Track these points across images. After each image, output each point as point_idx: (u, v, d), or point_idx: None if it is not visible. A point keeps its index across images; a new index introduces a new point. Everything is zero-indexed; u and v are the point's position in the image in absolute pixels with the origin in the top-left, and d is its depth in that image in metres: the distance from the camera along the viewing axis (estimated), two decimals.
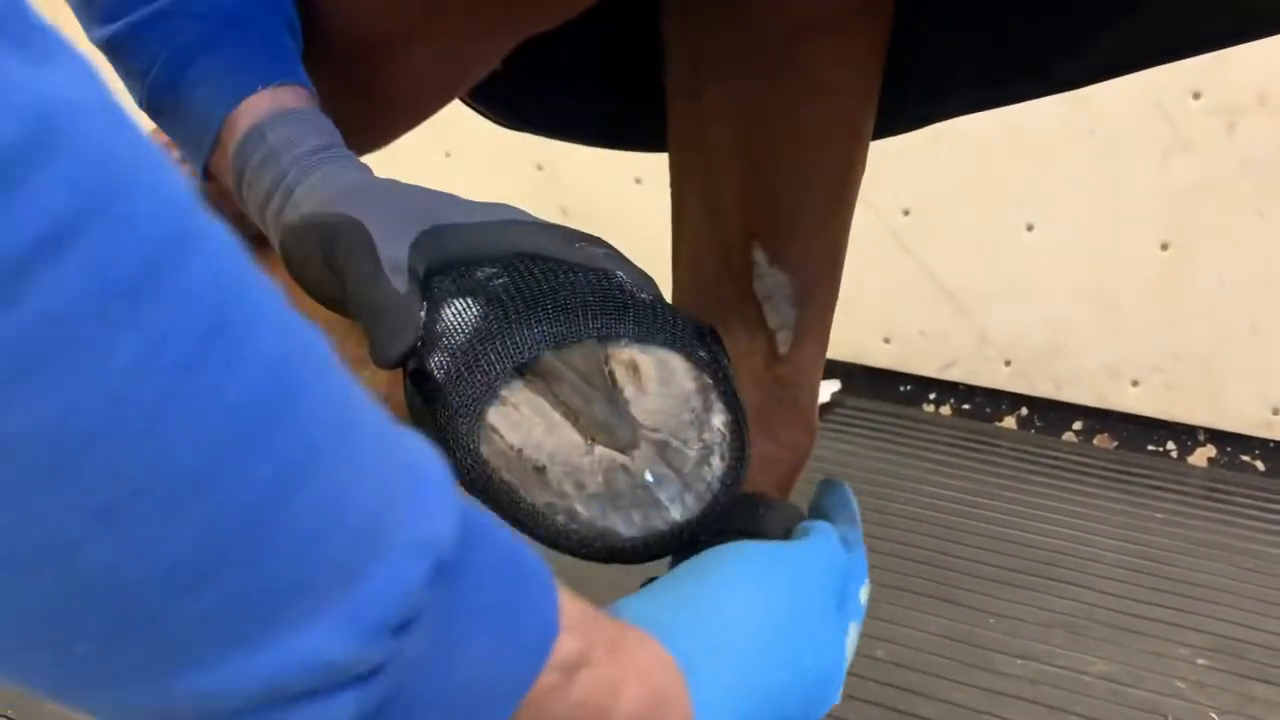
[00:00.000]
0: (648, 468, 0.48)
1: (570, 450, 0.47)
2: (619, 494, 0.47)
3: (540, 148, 1.86)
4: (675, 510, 0.48)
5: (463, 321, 0.48)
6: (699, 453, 0.49)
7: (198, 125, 0.54)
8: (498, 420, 0.47)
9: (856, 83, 0.73)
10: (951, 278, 2.07)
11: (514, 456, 0.47)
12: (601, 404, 0.48)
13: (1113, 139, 1.89)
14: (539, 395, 0.48)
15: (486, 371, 0.47)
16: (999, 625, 1.50)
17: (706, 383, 0.50)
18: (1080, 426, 2.07)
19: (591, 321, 0.49)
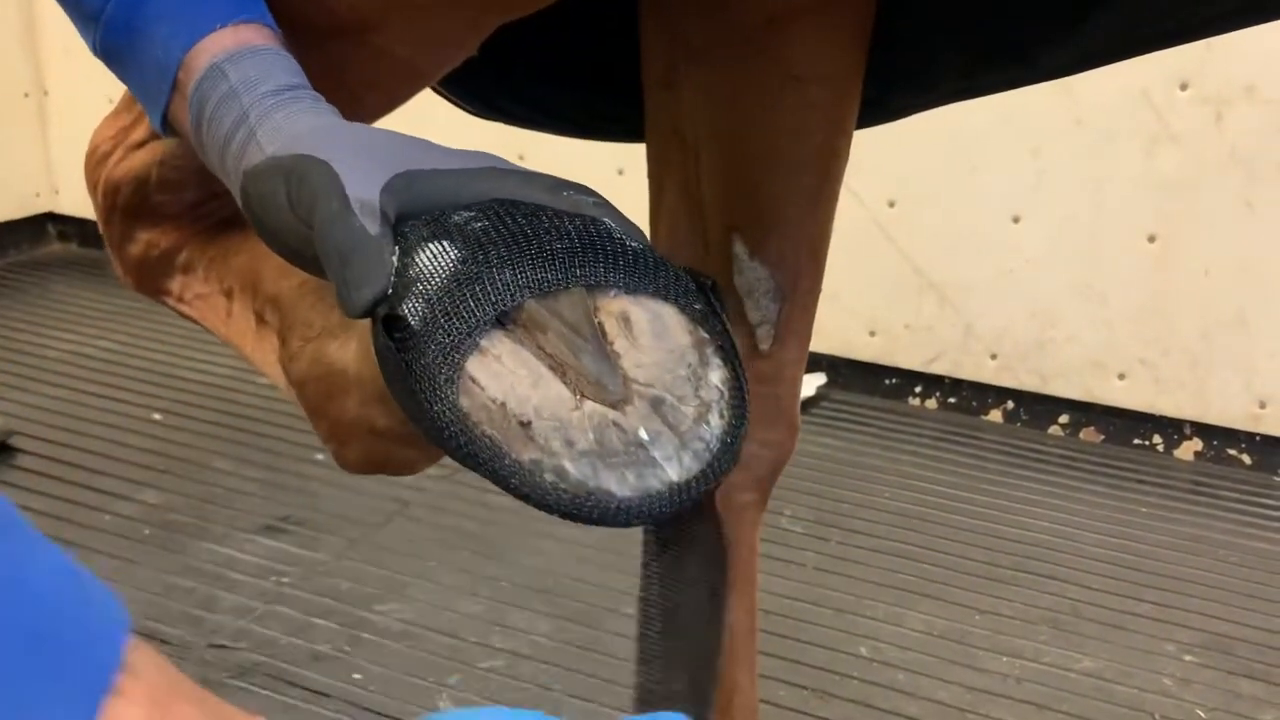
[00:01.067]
0: (642, 424, 0.43)
1: (558, 404, 0.43)
2: (612, 452, 0.42)
3: (521, 138, 1.83)
4: (672, 469, 0.43)
5: (439, 265, 0.44)
6: (696, 409, 0.45)
7: (154, 68, 0.50)
8: (478, 371, 0.43)
9: (837, 72, 0.71)
10: (937, 270, 2.05)
11: (496, 410, 0.42)
12: (590, 356, 0.44)
13: (1100, 130, 1.88)
14: (522, 346, 0.44)
15: (465, 318, 0.43)
16: (984, 622, 1.49)
17: (703, 337, 0.47)
18: (1066, 420, 2.06)
19: (579, 268, 0.46)
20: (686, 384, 0.45)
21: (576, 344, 0.44)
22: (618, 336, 0.45)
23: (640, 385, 0.44)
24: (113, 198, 0.66)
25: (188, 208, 0.65)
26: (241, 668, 1.33)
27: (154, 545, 1.56)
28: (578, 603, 1.47)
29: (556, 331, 0.44)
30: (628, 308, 0.46)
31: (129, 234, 0.67)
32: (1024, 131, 1.91)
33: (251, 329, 0.64)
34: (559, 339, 0.44)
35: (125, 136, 0.65)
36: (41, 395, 2.01)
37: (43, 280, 2.62)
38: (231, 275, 0.65)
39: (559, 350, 0.44)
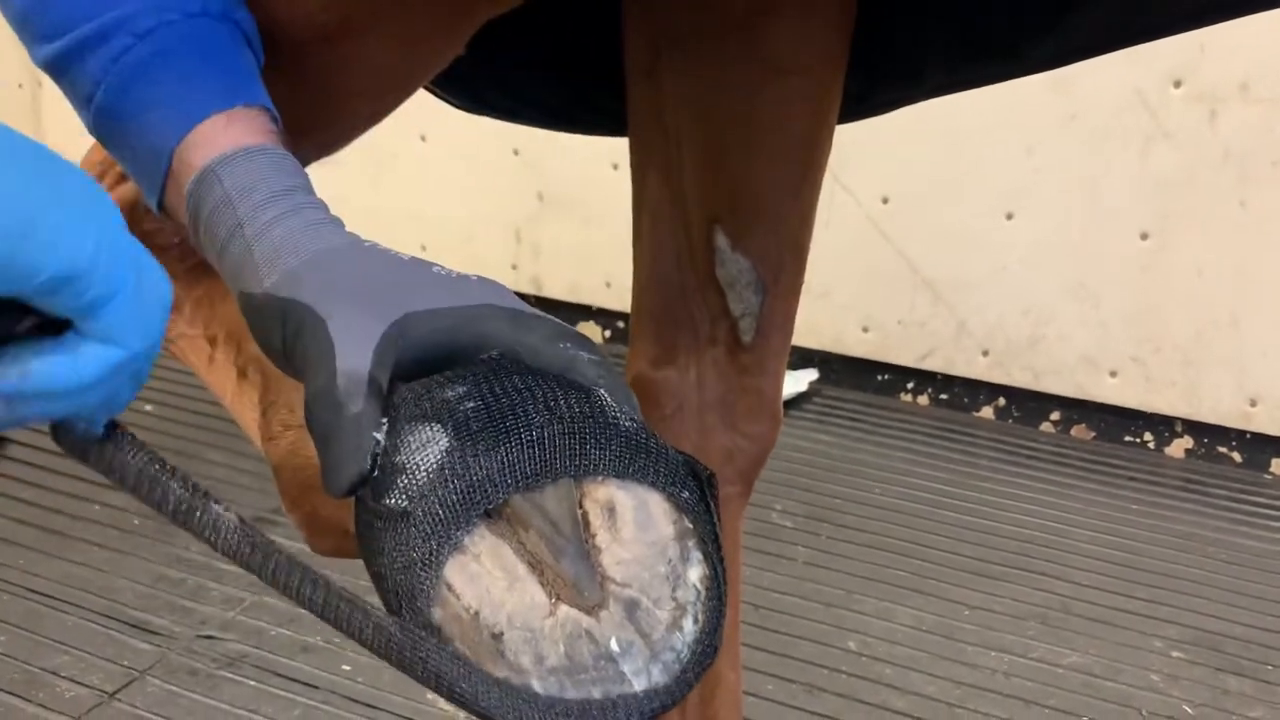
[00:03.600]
0: (614, 635, 0.43)
1: (532, 612, 0.42)
2: (580, 667, 0.42)
3: (518, 133, 1.83)
4: (639, 684, 0.42)
5: (426, 456, 0.43)
6: (671, 614, 0.44)
7: (148, 156, 0.49)
8: (456, 576, 0.42)
9: (820, 63, 0.70)
10: (930, 267, 2.05)
11: (469, 621, 0.42)
12: (570, 559, 0.43)
13: (1093, 127, 1.88)
14: (504, 542, 0.43)
15: (448, 520, 0.42)
16: (973, 617, 1.49)
17: (686, 527, 0.45)
18: (1058, 417, 2.06)
19: (569, 456, 0.44)
20: (664, 584, 0.44)
21: (558, 544, 0.44)
22: (600, 529, 0.45)
23: (617, 585, 0.44)
24: None
25: (177, 240, 0.64)
26: (229, 658, 1.33)
27: (143, 536, 1.56)
28: None
29: (539, 529, 0.44)
30: (614, 495, 0.45)
31: None
32: (1018, 129, 1.91)
33: (233, 381, 0.62)
34: (540, 538, 0.44)
35: (114, 163, 0.64)
36: None
37: None
38: (217, 322, 0.64)
39: (539, 550, 0.44)
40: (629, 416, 0.47)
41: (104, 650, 1.33)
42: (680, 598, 0.44)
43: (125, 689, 1.27)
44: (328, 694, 1.28)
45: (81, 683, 1.28)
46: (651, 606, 0.44)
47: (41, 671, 1.29)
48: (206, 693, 1.27)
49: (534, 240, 2.32)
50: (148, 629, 1.37)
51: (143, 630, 1.37)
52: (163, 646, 1.34)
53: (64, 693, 1.26)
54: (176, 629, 1.38)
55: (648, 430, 0.47)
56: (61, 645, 1.33)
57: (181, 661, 1.32)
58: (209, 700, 1.26)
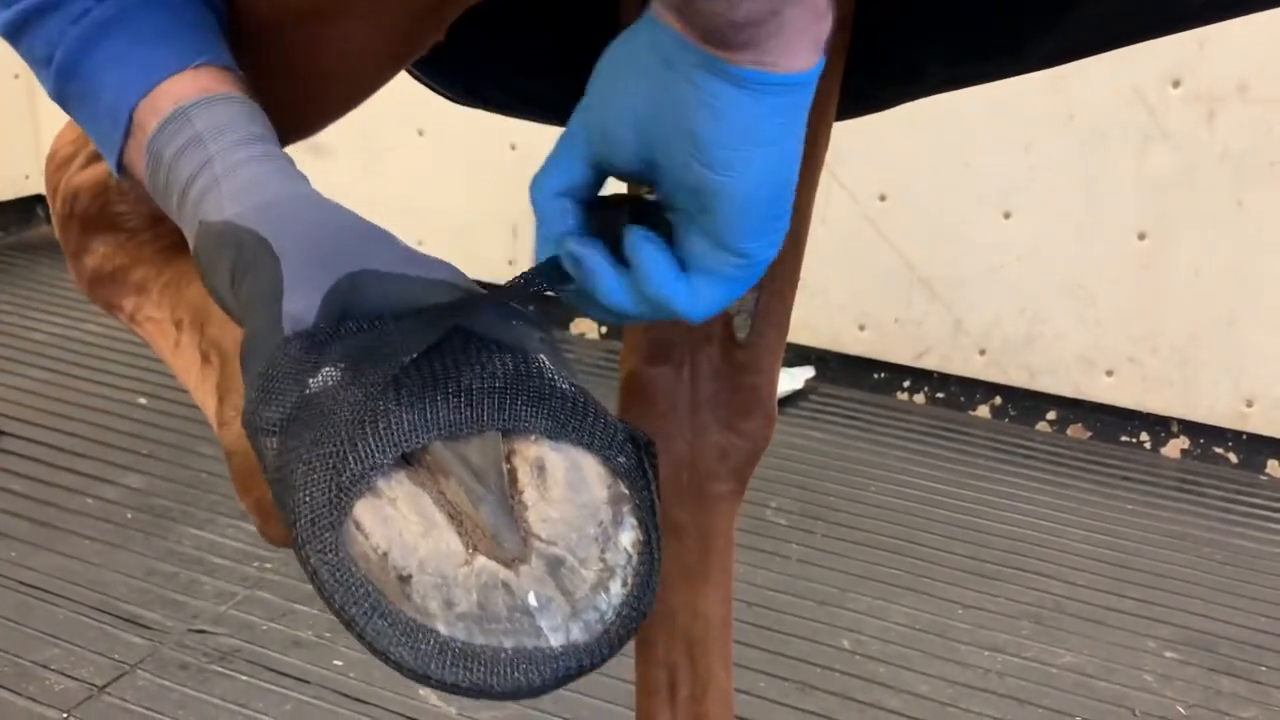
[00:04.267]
0: (533, 589, 0.40)
1: (445, 559, 0.39)
2: (493, 617, 0.39)
3: (515, 128, 1.82)
4: (556, 640, 0.40)
5: (348, 396, 0.41)
6: (597, 574, 0.41)
7: (109, 112, 0.48)
8: (366, 516, 0.40)
9: None
10: (927, 265, 2.05)
11: (376, 560, 0.39)
12: (491, 508, 0.41)
13: (1092, 127, 1.87)
14: (423, 491, 0.41)
15: (363, 459, 0.40)
16: (967, 616, 1.49)
17: (621, 493, 0.43)
18: (1054, 416, 2.06)
19: (499, 410, 0.42)
20: (593, 544, 0.42)
21: (478, 493, 0.41)
22: (528, 485, 0.42)
23: (542, 542, 0.41)
24: (71, 204, 0.64)
25: (147, 222, 0.63)
26: (221, 652, 1.33)
27: (136, 529, 1.56)
28: None
29: (460, 479, 0.42)
30: (546, 455, 0.43)
31: (85, 244, 0.65)
32: (1016, 127, 1.91)
33: (196, 366, 0.62)
34: (461, 487, 0.42)
35: (88, 143, 0.63)
36: (27, 378, 2.01)
37: (30, 263, 2.60)
38: (183, 306, 0.63)
39: (459, 499, 0.41)
40: (567, 381, 0.45)
41: (95, 644, 1.33)
42: (609, 559, 0.42)
43: (115, 683, 1.27)
44: (319, 689, 1.27)
45: (71, 676, 1.27)
46: (577, 565, 0.41)
47: (32, 665, 1.28)
48: (197, 687, 1.26)
49: (530, 236, 2.32)
50: (139, 623, 1.37)
51: (134, 624, 1.37)
52: (154, 640, 1.34)
53: (53, 686, 1.26)
54: (168, 623, 1.37)
55: (586, 394, 0.45)
56: (52, 638, 1.33)
57: (173, 655, 1.32)
58: (200, 695, 1.25)
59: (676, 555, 0.79)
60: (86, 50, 0.48)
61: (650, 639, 0.82)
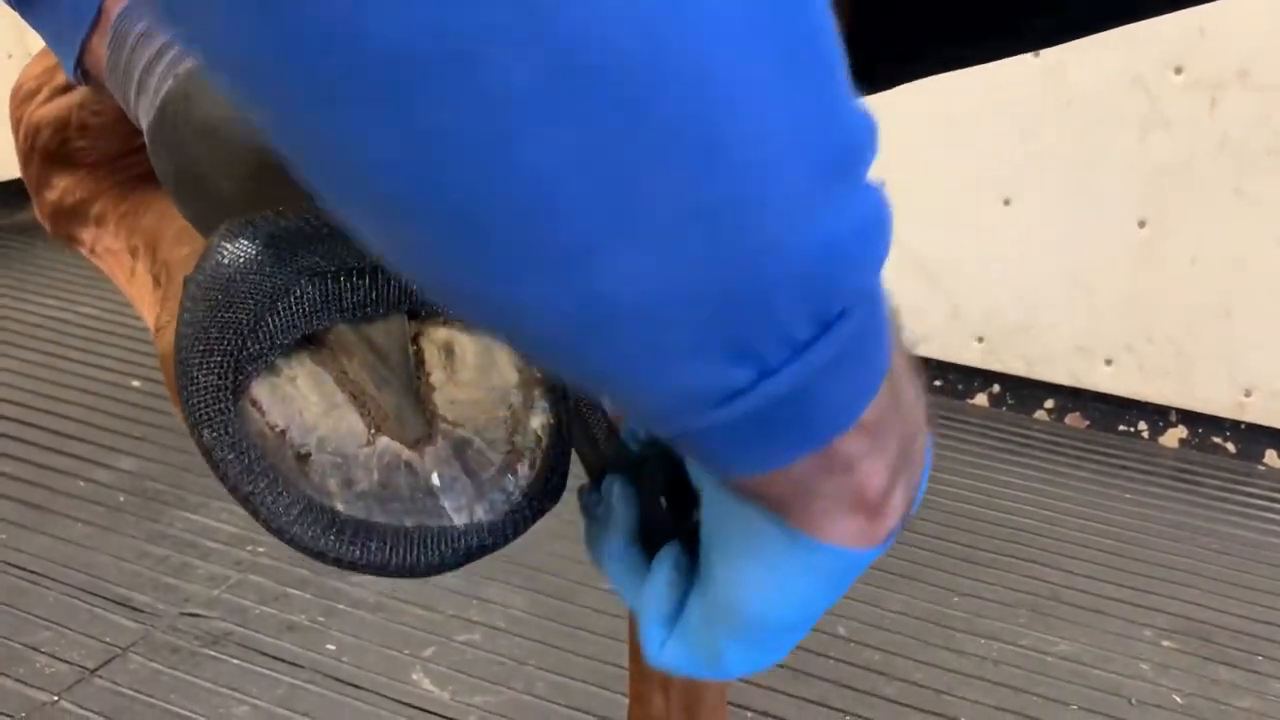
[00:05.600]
0: (437, 470, 0.39)
1: (346, 438, 0.39)
2: (394, 496, 0.38)
3: None
4: (459, 519, 0.39)
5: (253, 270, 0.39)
6: (505, 458, 0.40)
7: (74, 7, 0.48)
8: (263, 393, 0.39)
9: None
10: (925, 252, 2.04)
11: (273, 438, 0.38)
12: (396, 389, 0.40)
13: (1091, 113, 1.86)
14: (324, 371, 0.40)
15: (262, 338, 0.39)
16: (963, 604, 1.48)
17: (534, 376, 0.42)
18: (1052, 405, 2.05)
19: (405, 294, 0.41)
20: (501, 426, 0.41)
21: (381, 374, 0.40)
22: (436, 368, 0.41)
23: (447, 424, 0.40)
24: (33, 139, 0.64)
25: (106, 158, 0.64)
26: (213, 636, 1.32)
27: (129, 512, 1.55)
28: (554, 577, 1.46)
29: (363, 359, 0.40)
30: (455, 337, 0.42)
31: (46, 178, 0.65)
32: (1015, 114, 1.90)
33: (149, 291, 0.62)
34: (363, 367, 0.40)
35: (51, 78, 0.63)
36: (21, 360, 1.99)
37: (27, 245, 2.59)
38: (138, 234, 0.63)
39: (362, 379, 0.40)
40: None
41: (86, 627, 1.32)
42: (518, 443, 0.41)
43: (106, 666, 1.26)
44: (312, 673, 1.27)
45: (62, 659, 1.26)
46: (484, 448, 0.40)
47: (22, 647, 1.28)
48: (189, 670, 1.26)
49: None
50: (130, 605, 1.36)
51: (125, 607, 1.36)
52: (145, 624, 1.33)
53: (44, 669, 1.25)
54: (160, 606, 1.36)
55: None
56: (43, 621, 1.32)
57: (164, 639, 1.31)
58: (191, 678, 1.25)
59: None
60: None
61: None
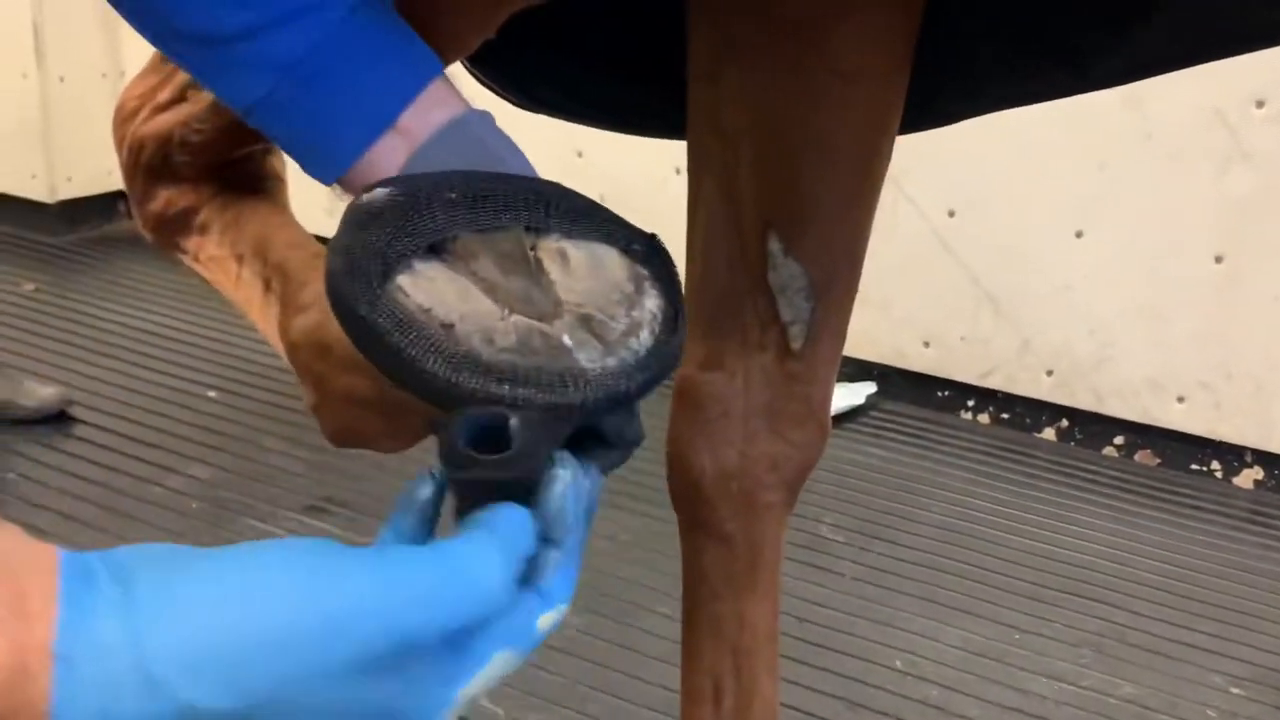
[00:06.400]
0: (567, 333, 0.43)
1: (484, 315, 0.43)
2: (533, 350, 0.42)
3: (582, 134, 1.83)
4: (592, 367, 0.43)
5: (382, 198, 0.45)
6: (627, 326, 0.45)
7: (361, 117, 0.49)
8: (408, 284, 0.43)
9: (882, 69, 0.69)
10: (995, 282, 2.01)
11: (421, 314, 0.42)
12: (521, 279, 0.45)
13: (1170, 146, 1.83)
14: (456, 271, 0.44)
15: (402, 243, 0.44)
16: (1024, 641, 1.46)
17: (641, 273, 0.47)
18: (1122, 441, 2.01)
19: (520, 212, 0.46)
20: (619, 306, 0.45)
21: (507, 267, 0.45)
22: (554, 269, 0.46)
23: (571, 305, 0.44)
24: (136, 155, 0.68)
25: (206, 170, 0.67)
26: None
27: (200, 519, 1.59)
28: (613, 598, 1.47)
29: (489, 257, 0.45)
30: (566, 247, 0.46)
31: (150, 191, 0.69)
32: (1091, 145, 1.87)
33: (259, 295, 0.65)
34: (491, 264, 0.45)
35: (153, 96, 0.67)
36: (101, 368, 2.06)
37: (110, 256, 2.68)
38: (244, 241, 0.66)
39: (490, 273, 0.45)
40: (584, 197, 0.49)
41: None
42: (636, 316, 0.45)
43: None
44: None
45: None
46: (606, 320, 0.44)
47: None
48: None
49: None
50: None
51: None
52: None
53: None
54: None
55: (604, 207, 0.49)
56: None
57: None
58: None
59: (724, 564, 0.78)
60: (346, 54, 0.48)
61: (696, 647, 0.81)
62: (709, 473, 0.76)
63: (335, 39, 0.48)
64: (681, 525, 0.80)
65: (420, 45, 0.51)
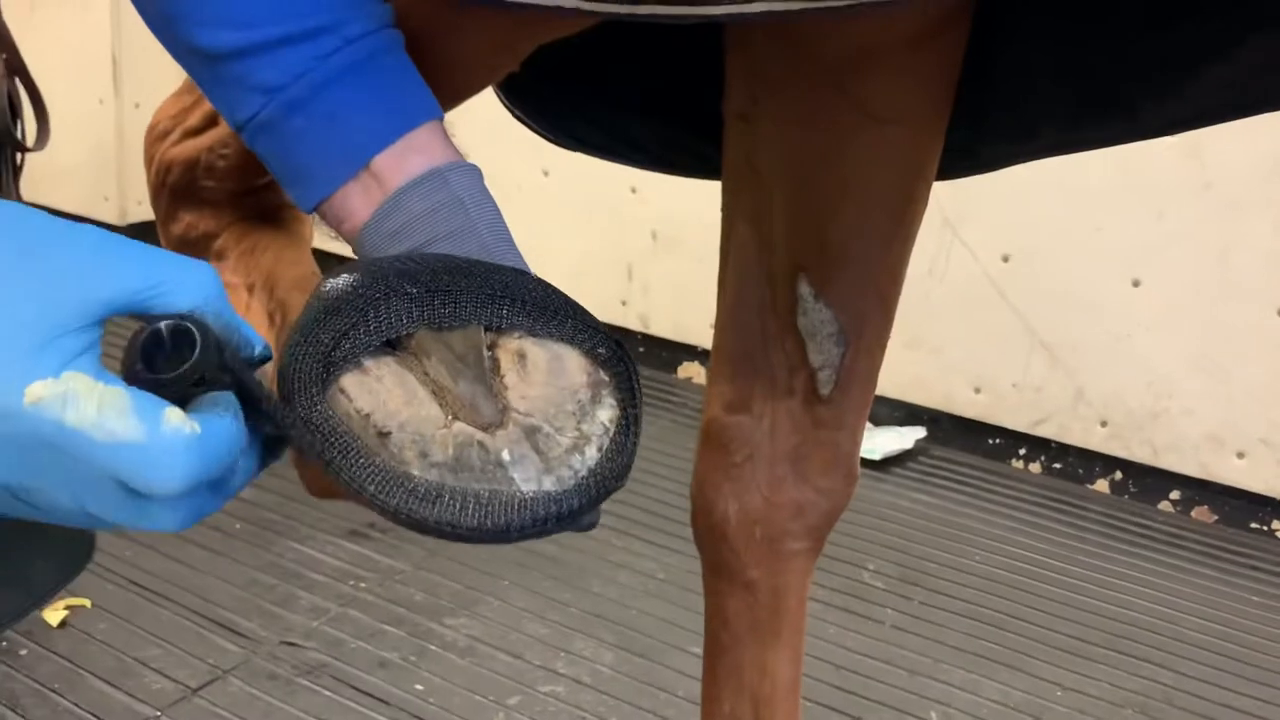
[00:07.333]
0: (507, 447, 0.42)
1: (425, 422, 0.42)
2: (467, 467, 0.41)
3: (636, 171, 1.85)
4: (527, 488, 0.41)
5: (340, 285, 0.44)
6: (573, 440, 0.43)
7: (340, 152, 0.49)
8: (351, 385, 0.42)
9: (919, 113, 0.69)
10: (1049, 330, 1.98)
11: (358, 419, 0.42)
12: (469, 381, 0.43)
13: (1230, 195, 1.79)
14: (407, 370, 0.43)
15: (353, 340, 0.43)
16: (1066, 698, 1.42)
17: (601, 379, 0.45)
18: (1178, 496, 1.96)
19: (483, 308, 0.45)
20: (570, 418, 0.44)
21: (458, 369, 0.44)
22: (509, 371, 0.44)
23: (519, 414, 0.43)
24: (163, 176, 0.69)
25: (229, 196, 0.68)
26: (309, 666, 1.36)
27: (243, 540, 1.61)
28: (644, 636, 1.46)
29: (441, 357, 0.44)
30: (527, 347, 0.45)
31: (173, 212, 0.70)
32: (1150, 193, 1.84)
33: (264, 327, 0.65)
34: (442, 364, 0.44)
35: (184, 118, 0.68)
36: None
37: None
38: (256, 271, 0.67)
39: (440, 375, 0.44)
40: (558, 294, 0.47)
41: (193, 647, 1.37)
42: (585, 429, 0.44)
43: (207, 686, 1.31)
44: (398, 711, 1.29)
45: (169, 676, 1.32)
46: (553, 432, 0.43)
47: (133, 661, 1.34)
48: (283, 698, 1.29)
49: (645, 278, 2.33)
50: (236, 630, 1.41)
51: (231, 631, 1.41)
52: (247, 649, 1.38)
53: (150, 684, 1.30)
54: (262, 633, 1.41)
55: (573, 302, 0.47)
56: (154, 638, 1.38)
57: (263, 665, 1.35)
58: (284, 706, 1.28)
59: (747, 611, 0.77)
60: (329, 88, 0.49)
61: (716, 694, 0.80)
62: (733, 517, 0.75)
63: (321, 72, 0.49)
64: (705, 569, 0.79)
65: (416, 89, 0.51)
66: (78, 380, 0.35)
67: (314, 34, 0.49)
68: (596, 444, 0.43)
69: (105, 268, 0.37)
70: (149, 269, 0.38)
